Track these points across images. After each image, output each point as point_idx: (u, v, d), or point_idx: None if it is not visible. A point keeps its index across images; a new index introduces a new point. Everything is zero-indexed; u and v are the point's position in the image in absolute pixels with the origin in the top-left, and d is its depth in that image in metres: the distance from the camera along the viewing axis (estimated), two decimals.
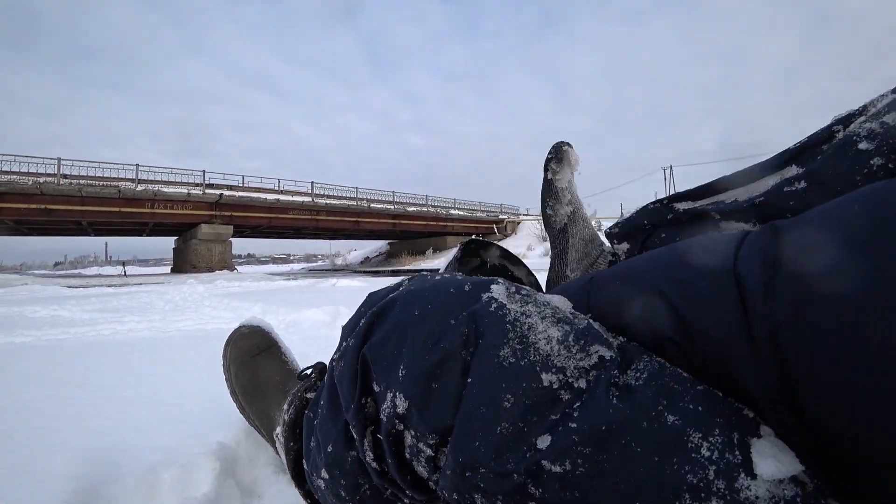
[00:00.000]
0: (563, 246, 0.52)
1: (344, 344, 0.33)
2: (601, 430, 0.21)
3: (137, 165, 14.71)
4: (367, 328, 0.31)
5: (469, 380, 0.25)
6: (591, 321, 0.26)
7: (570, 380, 0.23)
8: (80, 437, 0.59)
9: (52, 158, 13.44)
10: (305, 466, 0.39)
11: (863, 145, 0.36)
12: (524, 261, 0.50)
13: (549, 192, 0.54)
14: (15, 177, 12.69)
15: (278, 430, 0.46)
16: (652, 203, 0.43)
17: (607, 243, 0.48)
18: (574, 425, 0.21)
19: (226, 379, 0.60)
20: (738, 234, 0.24)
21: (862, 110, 0.37)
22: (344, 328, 0.35)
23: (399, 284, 0.34)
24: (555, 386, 0.23)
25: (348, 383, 0.31)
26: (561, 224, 0.52)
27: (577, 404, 0.22)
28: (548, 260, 0.55)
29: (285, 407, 0.46)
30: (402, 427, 0.27)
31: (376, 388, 0.29)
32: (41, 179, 12.81)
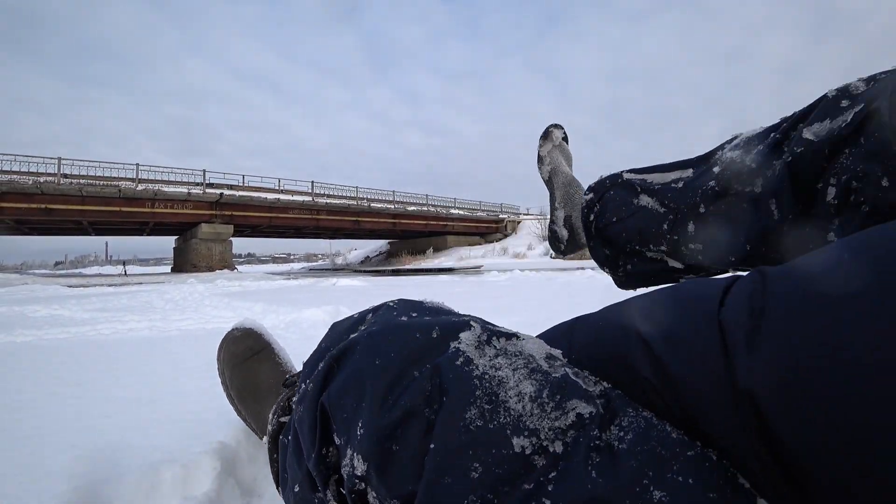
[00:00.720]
0: (551, 190, 0.76)
1: (303, 387, 0.31)
2: None
3: (138, 165, 14.76)
4: (325, 373, 0.29)
5: (432, 445, 0.22)
6: (567, 369, 0.24)
7: (544, 443, 0.21)
8: (81, 437, 0.59)
9: (52, 158, 13.50)
10: (281, 493, 0.38)
11: (716, 169, 0.44)
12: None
13: (538, 157, 0.81)
14: (15, 176, 12.70)
15: (265, 438, 0.45)
16: (619, 171, 0.59)
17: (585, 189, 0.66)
18: (548, 501, 0.19)
19: (221, 382, 0.60)
20: (725, 280, 0.22)
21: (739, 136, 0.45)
22: (305, 365, 0.33)
23: (363, 318, 0.32)
24: (527, 451, 0.20)
25: (308, 431, 0.29)
26: (546, 177, 0.78)
27: (553, 474, 0.20)
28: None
29: (270, 416, 0.45)
30: (363, 486, 0.25)
31: (337, 441, 0.27)
32: (41, 179, 12.82)
